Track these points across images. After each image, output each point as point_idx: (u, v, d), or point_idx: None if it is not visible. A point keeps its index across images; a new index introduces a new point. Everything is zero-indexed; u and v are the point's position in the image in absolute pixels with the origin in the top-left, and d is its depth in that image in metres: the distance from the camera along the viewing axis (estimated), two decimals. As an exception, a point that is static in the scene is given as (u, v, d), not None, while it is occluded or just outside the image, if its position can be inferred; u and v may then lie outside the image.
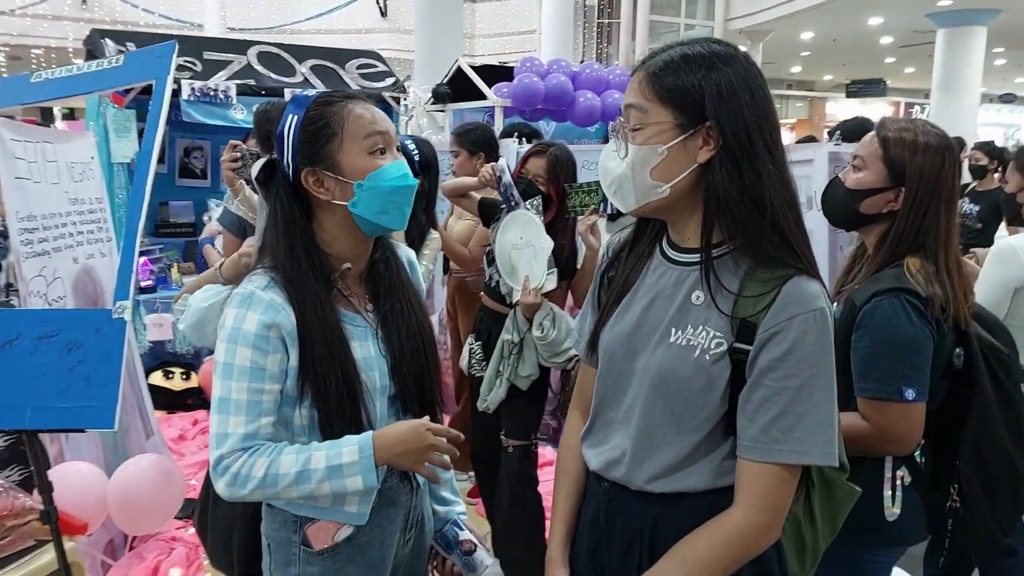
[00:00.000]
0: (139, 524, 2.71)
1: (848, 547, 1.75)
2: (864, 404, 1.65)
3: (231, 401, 1.32)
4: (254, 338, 1.31)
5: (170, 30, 17.22)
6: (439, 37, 8.17)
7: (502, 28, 17.50)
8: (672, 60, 1.19)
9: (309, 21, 18.10)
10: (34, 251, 2.66)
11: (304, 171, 1.38)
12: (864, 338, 1.65)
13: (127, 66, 2.19)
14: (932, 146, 1.68)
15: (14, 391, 1.85)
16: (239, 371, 1.31)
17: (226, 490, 1.32)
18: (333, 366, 1.34)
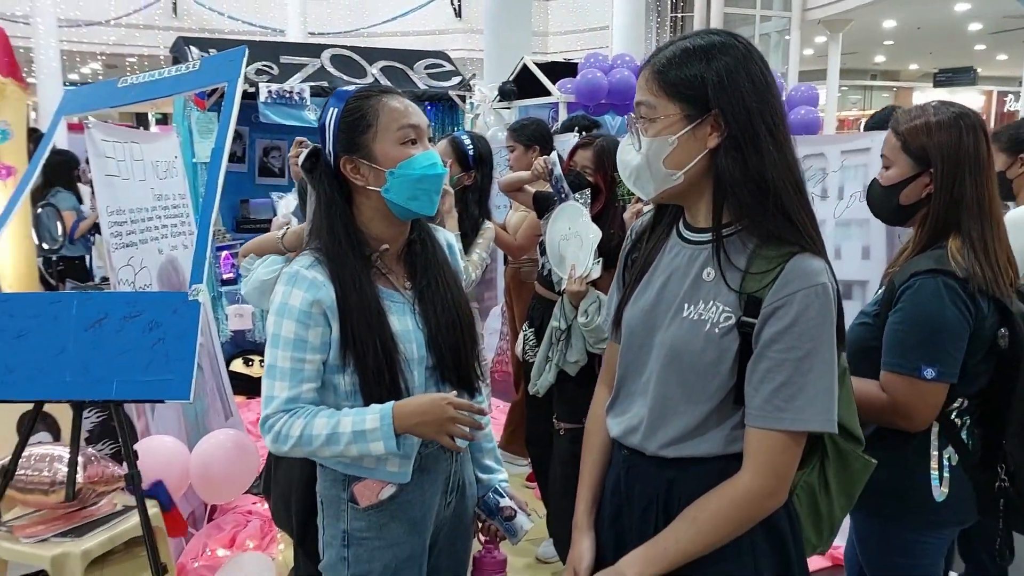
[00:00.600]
0: (217, 493, 2.93)
1: (898, 529, 1.80)
2: (884, 375, 1.70)
3: (277, 368, 1.48)
4: (298, 313, 1.47)
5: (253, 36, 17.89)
6: (508, 35, 8.31)
7: (575, 25, 17.58)
8: (674, 55, 1.27)
9: (385, 24, 18.54)
10: (122, 242, 2.91)
11: (343, 159, 1.53)
12: (897, 313, 1.69)
13: (202, 71, 2.38)
14: (945, 122, 1.70)
15: (103, 365, 2.05)
16: (284, 342, 1.48)
17: (271, 446, 1.49)
18: (371, 337, 1.48)
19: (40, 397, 2.08)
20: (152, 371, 2.05)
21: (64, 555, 2.32)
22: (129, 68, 19.21)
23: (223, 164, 2.22)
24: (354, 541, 1.58)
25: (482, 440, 1.81)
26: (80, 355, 2.06)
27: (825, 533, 1.40)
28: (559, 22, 18.06)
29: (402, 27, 18.48)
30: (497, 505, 1.76)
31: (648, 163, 1.29)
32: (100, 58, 18.48)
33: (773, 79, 1.29)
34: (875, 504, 1.81)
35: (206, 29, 17.65)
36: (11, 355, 2.06)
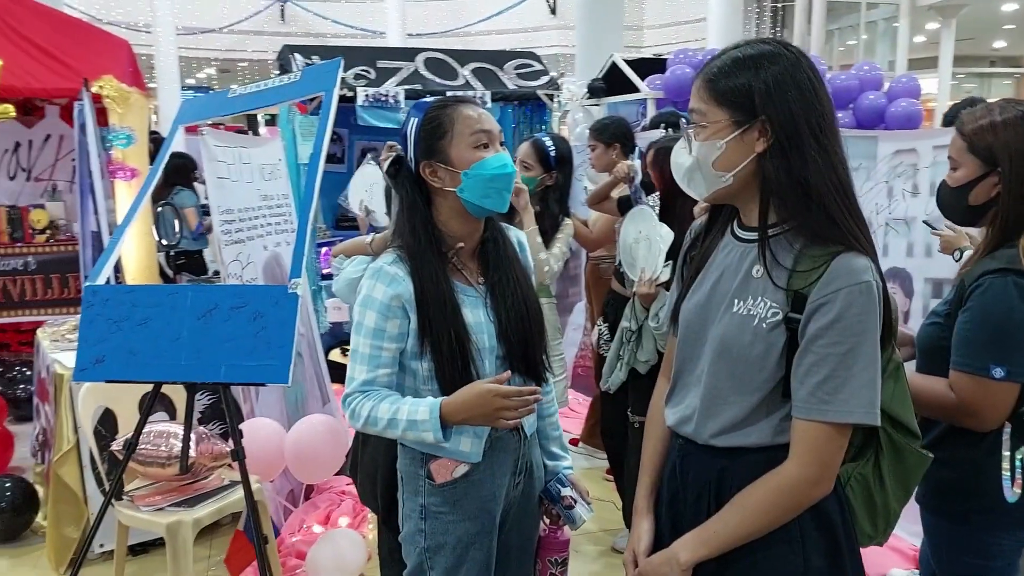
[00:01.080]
0: (310, 473, 3.15)
1: (970, 529, 1.79)
2: (952, 375, 1.70)
3: (358, 353, 1.66)
4: (380, 305, 1.64)
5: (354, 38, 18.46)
6: (599, 31, 8.33)
7: (670, 18, 17.38)
8: (724, 65, 1.35)
9: (480, 23, 18.82)
10: (232, 239, 3.16)
11: (422, 163, 1.69)
12: (966, 312, 1.70)
13: (302, 81, 2.58)
14: (1011, 120, 1.70)
15: (213, 351, 2.27)
16: (366, 330, 1.65)
17: (349, 421, 1.67)
18: (446, 327, 1.64)
19: (159, 379, 2.31)
20: (255, 357, 2.24)
21: (178, 523, 2.57)
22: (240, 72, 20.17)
23: (319, 168, 2.40)
24: (430, 515, 1.72)
25: (549, 428, 1.93)
26: (193, 341, 2.28)
27: (881, 525, 1.44)
28: (654, 15, 17.90)
29: (497, 26, 18.71)
30: (559, 493, 1.87)
31: (699, 165, 1.37)
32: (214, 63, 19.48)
33: (822, 86, 1.34)
34: (946, 504, 1.82)
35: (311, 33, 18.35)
36: (135, 340, 2.30)
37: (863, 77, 5.40)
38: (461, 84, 5.58)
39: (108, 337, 2.30)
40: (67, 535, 3.13)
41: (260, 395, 3.29)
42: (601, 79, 6.26)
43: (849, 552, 1.38)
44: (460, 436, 1.69)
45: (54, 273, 5.17)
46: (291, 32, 18.28)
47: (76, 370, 2.34)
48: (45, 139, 5.48)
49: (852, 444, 1.42)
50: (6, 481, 3.45)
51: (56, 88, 4.54)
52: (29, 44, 4.56)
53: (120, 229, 2.58)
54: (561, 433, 1.97)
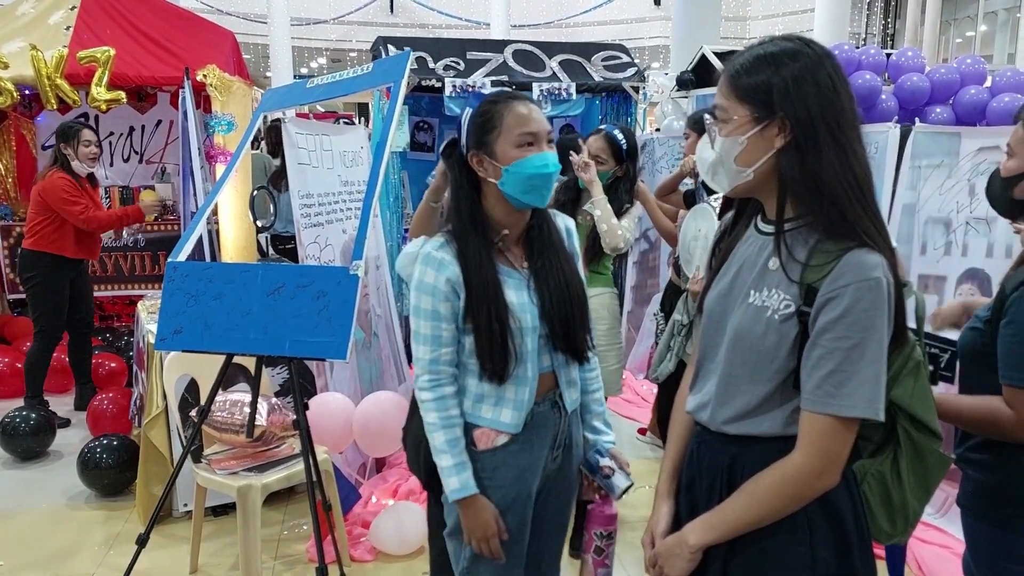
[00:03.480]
0: (376, 446, 3.29)
1: (1008, 534, 1.76)
2: (1007, 391, 1.66)
3: (420, 335, 1.77)
4: (432, 289, 1.74)
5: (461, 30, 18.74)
6: (696, 23, 8.21)
7: (776, 9, 16.89)
8: (747, 62, 1.36)
9: (585, 14, 18.79)
10: (311, 223, 3.32)
11: (471, 153, 1.78)
12: (1009, 325, 1.65)
13: (373, 73, 2.70)
14: None
15: (279, 326, 2.42)
16: (424, 313, 1.75)
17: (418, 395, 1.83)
18: (487, 305, 1.72)
19: (230, 350, 2.47)
20: (317, 333, 2.38)
21: (248, 487, 2.74)
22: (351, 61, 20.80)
23: (385, 156, 2.51)
24: None
25: (593, 404, 1.99)
26: (262, 316, 2.44)
27: (900, 523, 1.43)
28: (760, 6, 17.43)
29: (600, 17, 18.63)
30: (597, 463, 1.93)
31: (722, 160, 1.40)
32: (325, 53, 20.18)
33: (844, 85, 1.33)
34: (986, 508, 1.79)
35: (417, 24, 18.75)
36: (210, 314, 2.47)
37: (964, 71, 5.14)
38: (548, 75, 5.62)
39: (186, 310, 2.49)
40: (155, 494, 3.38)
41: (335, 371, 3.46)
42: (690, 71, 6.19)
43: (860, 547, 1.38)
44: (501, 408, 1.78)
45: (161, 250, 5.55)
46: (399, 23, 18.75)
47: (156, 340, 2.53)
48: (156, 124, 5.88)
49: (870, 440, 1.43)
50: (114, 440, 3.74)
51: (163, 76, 4.85)
52: (140, 34, 4.90)
53: (202, 209, 2.76)
54: (605, 409, 2.03)
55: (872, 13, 14.64)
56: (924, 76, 4.99)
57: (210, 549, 3.23)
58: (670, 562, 1.44)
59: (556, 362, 1.83)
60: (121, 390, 4.41)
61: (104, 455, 3.66)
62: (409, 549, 3.16)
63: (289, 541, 3.32)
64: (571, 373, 1.88)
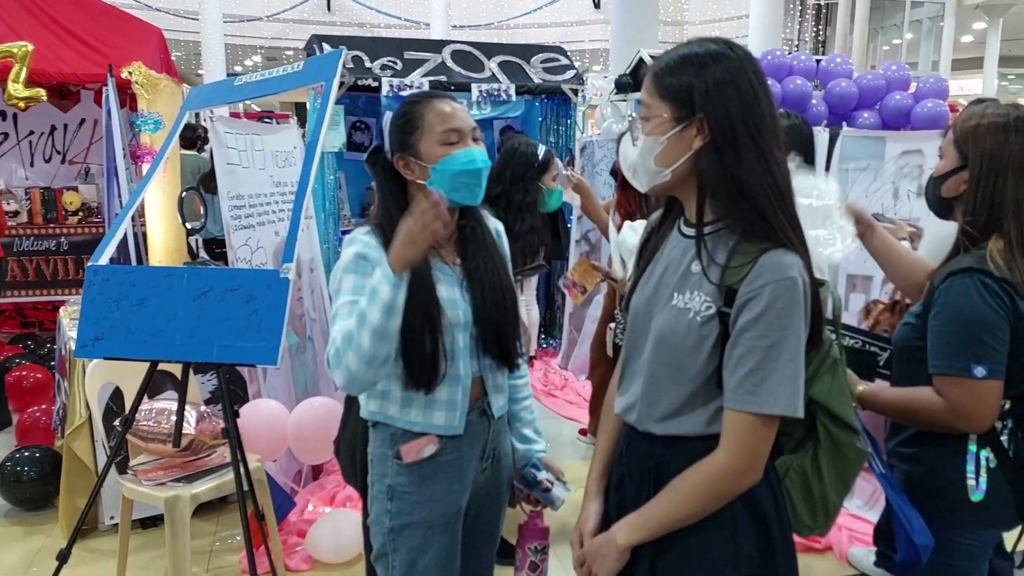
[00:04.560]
0: (312, 453, 3.22)
1: (939, 528, 1.81)
2: (937, 380, 1.71)
3: (337, 313, 1.62)
4: (355, 264, 1.65)
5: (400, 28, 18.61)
6: (635, 27, 8.28)
7: (713, 14, 17.22)
8: (672, 61, 1.37)
9: (526, 16, 18.84)
10: (241, 224, 3.23)
11: (396, 156, 1.74)
12: (937, 316, 1.71)
13: (304, 71, 2.63)
14: (996, 124, 1.71)
15: (207, 332, 2.34)
16: (344, 290, 1.64)
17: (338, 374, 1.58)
18: (418, 296, 1.63)
19: (154, 357, 2.39)
20: (247, 338, 2.31)
21: (176, 497, 2.64)
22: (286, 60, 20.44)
23: (316, 156, 2.45)
24: (397, 495, 1.75)
25: (523, 412, 1.96)
26: (189, 321, 2.35)
27: (820, 516, 1.46)
28: (697, 11, 17.75)
29: (541, 19, 18.70)
30: (535, 478, 1.90)
31: (642, 159, 1.40)
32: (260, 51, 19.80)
33: (765, 89, 1.35)
34: (914, 501, 1.83)
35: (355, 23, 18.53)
36: (133, 319, 2.38)
37: (890, 77, 5.33)
38: (487, 77, 5.60)
39: (108, 315, 2.39)
40: (79, 507, 3.24)
41: (268, 377, 3.37)
42: (628, 74, 6.24)
43: (781, 542, 1.41)
44: (432, 410, 1.71)
45: (85, 254, 5.35)
46: (336, 21, 18.50)
47: (77, 347, 2.43)
48: (80, 123, 5.67)
49: (792, 437, 1.46)
50: (36, 451, 3.58)
51: (86, 73, 4.68)
52: (61, 29, 4.71)
53: (124, 211, 2.66)
54: (535, 417, 1.99)
55: (804, 20, 15.03)
56: (852, 82, 5.14)
57: (138, 563, 3.11)
58: (598, 561, 1.45)
59: (484, 366, 1.78)
60: (49, 400, 4.23)
61: (25, 468, 3.50)
62: (347, 557, 3.09)
63: (221, 552, 3.23)
64: (498, 379, 1.83)
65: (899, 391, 1.82)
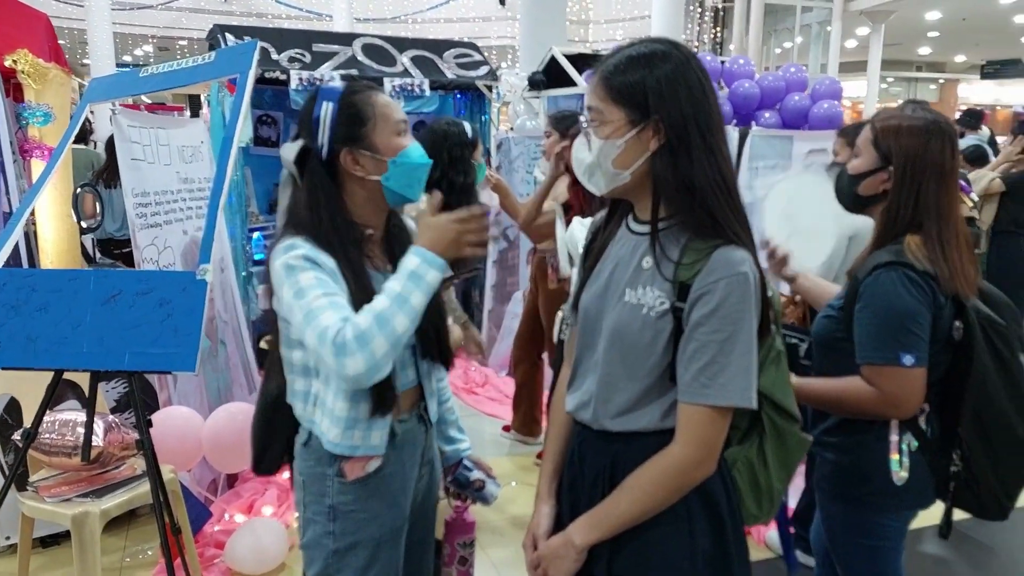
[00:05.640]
0: (228, 462, 3.09)
1: (861, 511, 1.89)
2: (865, 370, 1.77)
3: (314, 309, 1.44)
4: (307, 263, 1.50)
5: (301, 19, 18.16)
6: (542, 25, 8.33)
7: (616, 14, 17.51)
8: (619, 63, 1.36)
9: (430, 11, 18.68)
10: (147, 223, 3.07)
11: (343, 151, 1.61)
12: (864, 309, 1.77)
13: (216, 62, 2.51)
14: (916, 127, 1.78)
15: (117, 338, 2.20)
16: (308, 288, 1.47)
17: (360, 359, 1.41)
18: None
19: (59, 366, 2.23)
20: (161, 344, 2.19)
21: (84, 514, 2.49)
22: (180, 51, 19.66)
23: (232, 151, 2.35)
24: (340, 515, 1.64)
25: (446, 413, 1.92)
26: (97, 328, 2.21)
27: (766, 506, 1.49)
28: (601, 11, 18.02)
29: (446, 14, 18.59)
30: (468, 479, 1.88)
31: (599, 163, 1.40)
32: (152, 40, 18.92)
33: (711, 86, 1.37)
34: (840, 487, 1.91)
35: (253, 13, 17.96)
36: (34, 326, 2.22)
37: (789, 79, 5.53)
38: (399, 71, 5.50)
39: (5, 323, 2.23)
40: (-29, 527, 3.02)
41: (179, 383, 3.22)
42: (541, 72, 6.26)
43: (734, 533, 1.43)
44: (371, 431, 1.61)
45: (-33, 255, 4.97)
46: (233, 11, 17.88)
47: (-30, 356, 2.25)
48: (-40, 115, 5.27)
49: (738, 428, 1.48)
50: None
51: (-35, 61, 4.33)
52: (-64, 14, 4.35)
53: (19, 211, 2.48)
54: (457, 417, 1.97)
55: (703, 22, 15.47)
56: (755, 83, 5.29)
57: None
58: (555, 564, 1.43)
59: (422, 373, 1.73)
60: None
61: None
62: (268, 567, 2.99)
63: (132, 569, 3.06)
64: (433, 384, 1.78)
65: (828, 382, 1.88)
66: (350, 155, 1.61)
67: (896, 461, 1.82)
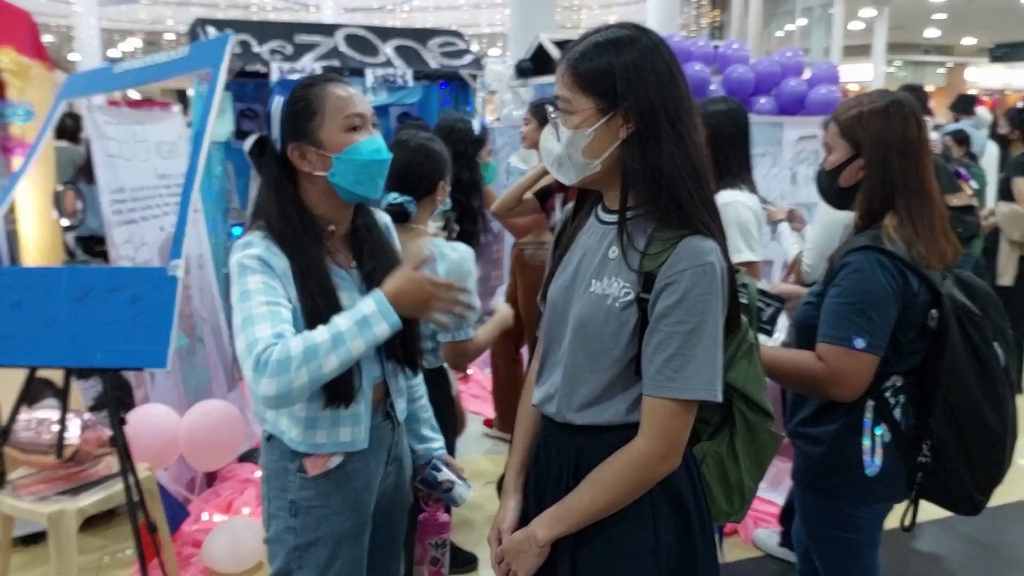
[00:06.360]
0: (206, 459, 3.08)
1: (835, 503, 1.88)
2: (819, 346, 1.77)
3: (254, 316, 1.44)
4: (259, 265, 1.49)
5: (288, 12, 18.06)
6: (531, 11, 8.26)
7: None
8: (587, 50, 1.34)
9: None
10: (123, 220, 3.05)
11: (290, 146, 1.59)
12: (834, 287, 1.78)
13: (190, 56, 2.50)
14: (877, 109, 1.79)
15: (89, 335, 2.19)
16: (255, 291, 1.46)
17: (271, 382, 1.38)
18: (325, 307, 1.52)
19: (32, 363, 2.23)
20: (133, 341, 2.18)
21: (60, 512, 2.47)
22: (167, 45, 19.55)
23: (204, 145, 2.33)
24: (302, 510, 1.63)
25: (419, 411, 1.90)
26: (69, 325, 2.20)
27: (737, 502, 1.48)
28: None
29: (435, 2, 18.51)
30: (435, 480, 1.86)
31: (568, 153, 1.37)
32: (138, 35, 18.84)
33: (680, 73, 1.35)
34: (815, 479, 1.91)
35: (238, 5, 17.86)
36: (6, 324, 2.21)
37: (785, 63, 5.47)
38: (382, 61, 5.47)
39: (-24, 321, 2.21)
40: (-50, 526, 3.00)
41: (156, 381, 3.20)
42: (529, 59, 6.23)
43: (700, 529, 1.41)
44: (338, 428, 1.61)
45: (-50, 253, 4.94)
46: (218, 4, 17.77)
47: (-58, 355, 2.23)
48: (-60, 112, 5.23)
49: (709, 424, 1.46)
50: None
51: (-55, 58, 4.30)
52: (-86, 11, 4.31)
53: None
54: (431, 415, 1.95)
55: (701, 5, 15.35)
56: (749, 68, 5.25)
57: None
58: (518, 558, 1.42)
59: (386, 371, 1.70)
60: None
61: None
62: (246, 566, 2.98)
63: (110, 568, 3.06)
64: (399, 382, 1.76)
65: (787, 354, 1.88)
66: (297, 150, 1.59)
67: (868, 453, 1.81)
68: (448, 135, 3.00)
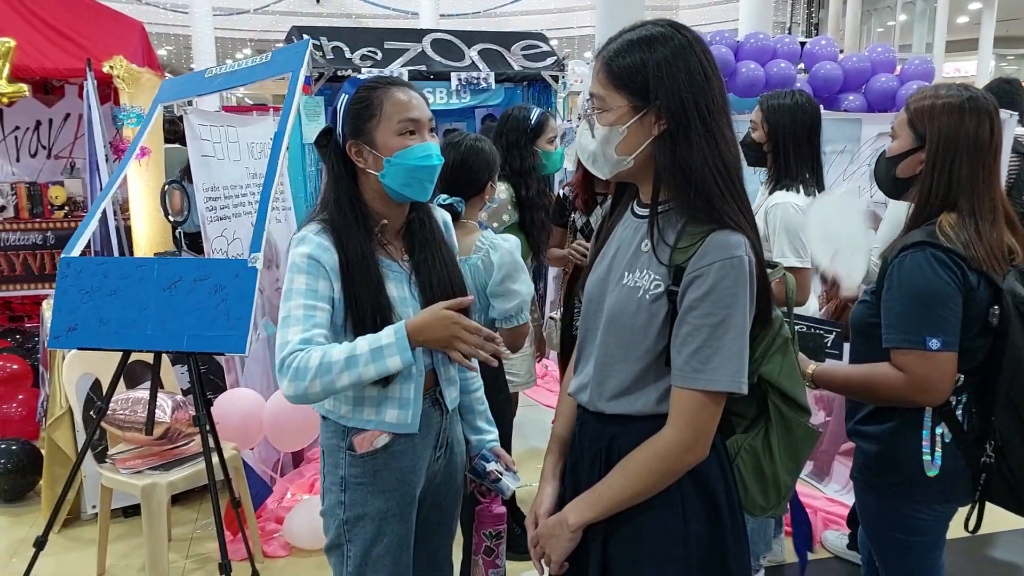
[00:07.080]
0: (287, 441, 3.26)
1: (892, 502, 1.83)
2: (893, 354, 1.72)
3: (291, 317, 1.58)
4: (307, 266, 1.61)
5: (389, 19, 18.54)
6: (620, 11, 8.22)
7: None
8: (620, 48, 1.36)
9: (514, 3, 18.74)
10: (216, 216, 3.26)
11: (349, 143, 1.70)
12: (890, 291, 1.72)
13: (271, 62, 2.66)
14: (952, 105, 1.72)
15: (177, 321, 2.37)
16: (296, 293, 1.59)
17: (290, 386, 1.54)
18: (369, 299, 1.64)
19: (126, 346, 2.42)
20: (216, 327, 2.34)
21: (152, 485, 2.69)
22: (277, 53, 20.37)
23: (282, 147, 2.48)
24: (350, 486, 1.73)
25: (475, 403, 1.96)
26: (159, 312, 2.39)
27: (773, 497, 1.48)
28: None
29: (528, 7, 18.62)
30: (484, 469, 1.91)
31: (603, 150, 1.41)
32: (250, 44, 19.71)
33: (714, 69, 1.36)
34: (873, 478, 1.86)
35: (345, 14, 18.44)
36: (105, 309, 2.41)
37: (875, 59, 5.32)
38: (467, 65, 5.61)
39: (80, 306, 2.42)
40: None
41: (246, 366, 3.41)
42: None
43: (731, 521, 1.42)
44: (385, 408, 1.70)
45: (70, 248, 5.35)
46: (322, 12, 18.41)
47: (51, 338, 2.46)
48: (65, 118, 5.66)
49: (745, 417, 1.47)
50: (12, 444, 3.63)
51: (68, 68, 4.67)
52: (42, 24, 4.71)
53: (96, 204, 2.69)
54: (487, 408, 2.00)
55: (796, 2, 14.91)
56: (837, 64, 5.13)
57: (119, 551, 3.16)
58: (551, 542, 1.46)
59: (436, 359, 1.78)
60: (29, 392, 4.27)
61: (2, 460, 3.55)
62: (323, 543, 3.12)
63: (202, 540, 3.27)
64: (450, 371, 1.83)
65: (855, 368, 1.83)
66: (355, 147, 1.69)
67: (928, 452, 1.75)
68: (504, 124, 3.09)
